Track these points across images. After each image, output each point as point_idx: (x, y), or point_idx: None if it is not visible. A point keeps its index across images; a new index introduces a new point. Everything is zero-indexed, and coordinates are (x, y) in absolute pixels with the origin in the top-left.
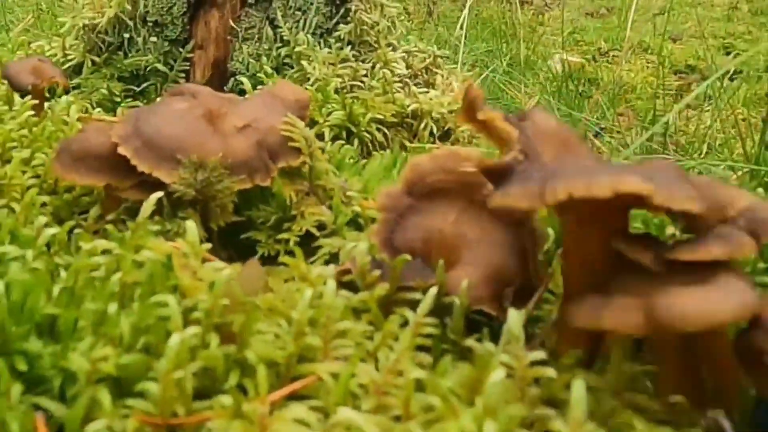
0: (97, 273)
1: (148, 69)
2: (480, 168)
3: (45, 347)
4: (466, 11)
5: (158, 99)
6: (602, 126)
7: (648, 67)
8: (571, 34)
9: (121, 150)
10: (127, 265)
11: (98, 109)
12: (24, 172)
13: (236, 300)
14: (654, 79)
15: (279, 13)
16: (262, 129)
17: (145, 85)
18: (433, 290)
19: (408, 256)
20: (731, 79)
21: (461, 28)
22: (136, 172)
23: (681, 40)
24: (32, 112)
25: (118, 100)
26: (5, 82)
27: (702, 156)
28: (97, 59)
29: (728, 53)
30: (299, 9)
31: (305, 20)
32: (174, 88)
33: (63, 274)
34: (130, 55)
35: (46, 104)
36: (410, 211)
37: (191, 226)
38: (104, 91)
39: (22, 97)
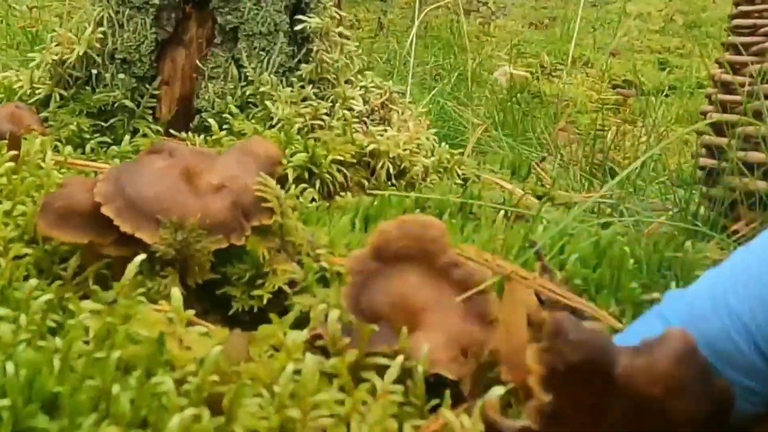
0: (88, 340)
1: (115, 105)
2: None
3: (52, 424)
4: (414, 28)
5: (126, 136)
6: (545, 154)
7: (588, 80)
8: (515, 46)
9: (104, 210)
10: (120, 339)
11: (68, 147)
12: (6, 224)
13: (224, 372)
14: (593, 93)
15: (244, 53)
16: (237, 189)
17: (112, 120)
18: (399, 359)
19: (375, 326)
20: (666, 95)
21: (410, 43)
22: (116, 229)
23: (620, 54)
24: (12, 163)
25: (87, 136)
26: None
27: (637, 172)
28: (64, 93)
29: (663, 68)
30: (263, 49)
31: (269, 60)
32: (152, 146)
33: (57, 340)
34: (97, 90)
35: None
36: (376, 275)
37: (176, 294)
38: (73, 128)
39: None
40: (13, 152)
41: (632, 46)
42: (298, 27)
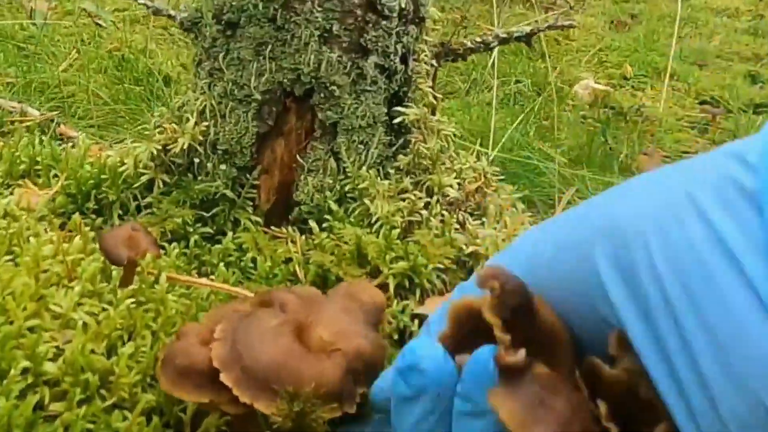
0: None
1: (217, 195)
2: None
3: None
4: (495, 53)
5: (229, 232)
6: None
7: (673, 95)
8: (596, 54)
9: (223, 378)
10: None
11: (174, 244)
12: (130, 368)
13: None
14: (679, 109)
15: (343, 147)
16: (349, 353)
17: (214, 210)
18: None
19: None
20: (756, 113)
21: (491, 64)
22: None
23: (707, 65)
24: (132, 300)
25: (190, 229)
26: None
27: None
28: (167, 179)
29: (755, 82)
30: (362, 142)
31: (367, 152)
32: (263, 296)
33: None
34: (199, 178)
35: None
36: None
37: None
38: (178, 221)
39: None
40: (132, 287)
41: (720, 52)
42: (396, 120)
